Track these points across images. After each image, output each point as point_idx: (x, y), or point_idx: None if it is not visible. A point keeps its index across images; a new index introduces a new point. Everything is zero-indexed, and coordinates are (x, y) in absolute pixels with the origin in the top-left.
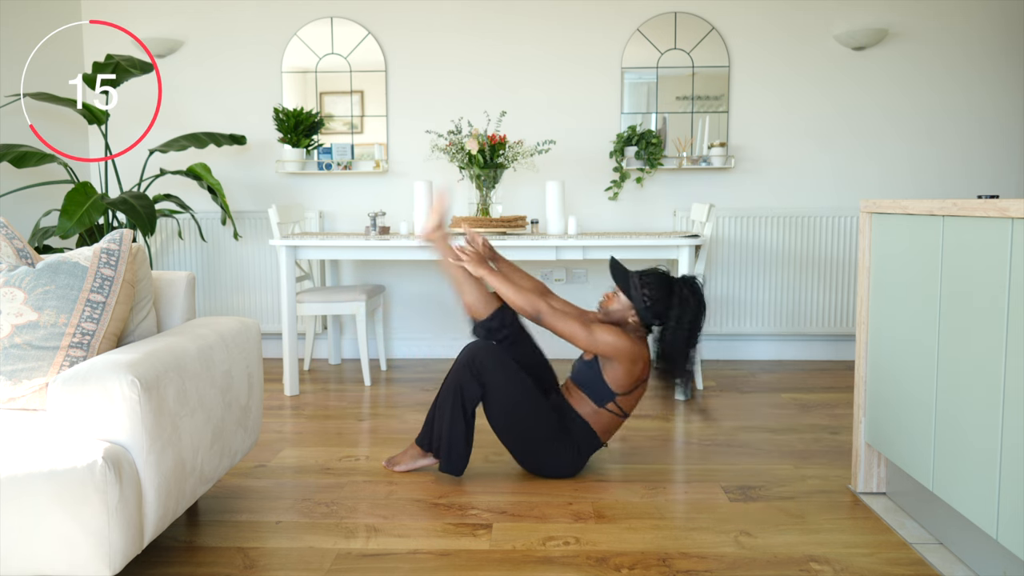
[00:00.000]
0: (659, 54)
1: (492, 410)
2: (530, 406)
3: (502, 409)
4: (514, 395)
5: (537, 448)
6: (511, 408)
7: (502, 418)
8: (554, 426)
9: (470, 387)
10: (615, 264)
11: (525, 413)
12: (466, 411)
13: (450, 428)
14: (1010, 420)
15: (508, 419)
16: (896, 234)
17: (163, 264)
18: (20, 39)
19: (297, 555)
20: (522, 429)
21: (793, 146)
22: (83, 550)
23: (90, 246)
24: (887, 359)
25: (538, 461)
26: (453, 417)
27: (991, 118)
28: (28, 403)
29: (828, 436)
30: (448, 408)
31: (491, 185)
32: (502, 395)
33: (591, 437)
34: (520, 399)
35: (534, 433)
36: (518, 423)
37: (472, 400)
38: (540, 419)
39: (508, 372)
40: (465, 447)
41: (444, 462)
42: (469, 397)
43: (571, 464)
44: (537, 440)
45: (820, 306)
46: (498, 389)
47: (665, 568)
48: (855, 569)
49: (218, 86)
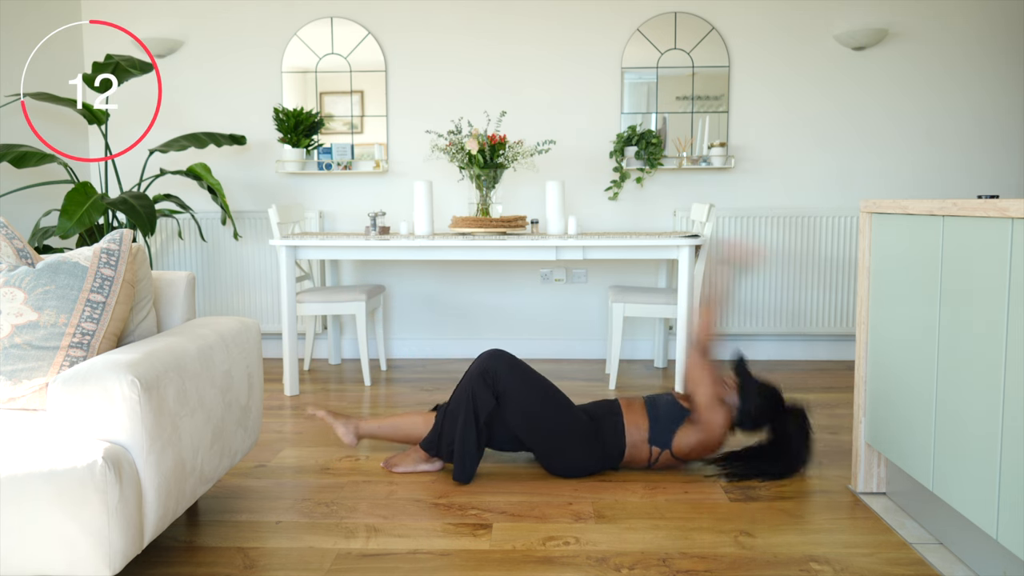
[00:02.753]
0: (659, 54)
1: (511, 415)
2: (551, 405)
3: (521, 412)
4: (531, 397)
5: (563, 446)
6: (530, 409)
7: (522, 420)
8: (582, 426)
9: (483, 397)
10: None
11: (546, 413)
12: (478, 420)
13: (463, 437)
14: (1010, 420)
15: (529, 420)
16: (896, 234)
17: (163, 264)
18: (20, 39)
19: (297, 555)
20: (545, 428)
21: (793, 146)
22: (83, 550)
23: (90, 246)
24: (887, 359)
25: (560, 460)
26: (466, 426)
27: (991, 118)
28: (28, 403)
29: (828, 436)
30: (461, 417)
31: (491, 185)
32: (519, 399)
33: (617, 456)
34: (539, 400)
35: (557, 432)
36: (540, 423)
37: (485, 409)
38: (563, 417)
39: (523, 376)
40: (476, 456)
41: (457, 470)
42: (482, 407)
43: (591, 467)
44: (560, 439)
45: (820, 306)
46: (514, 394)
47: (665, 568)
48: (855, 569)
49: (218, 86)
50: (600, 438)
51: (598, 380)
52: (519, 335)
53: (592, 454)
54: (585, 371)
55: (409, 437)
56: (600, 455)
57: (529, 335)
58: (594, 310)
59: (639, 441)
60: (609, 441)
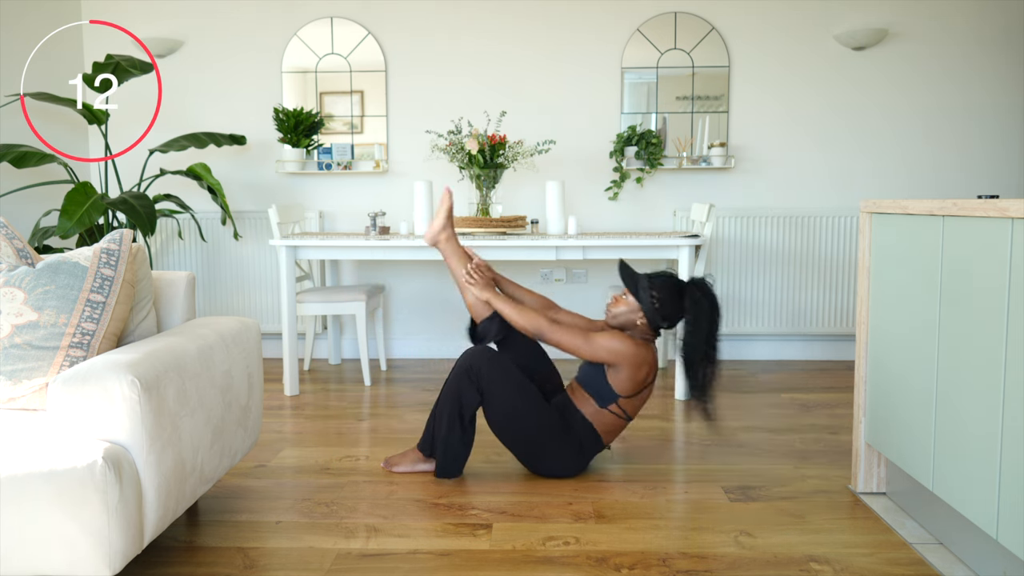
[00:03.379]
0: (659, 54)
1: (492, 414)
2: (530, 408)
3: (502, 412)
4: (513, 399)
5: (539, 449)
6: (511, 411)
7: (503, 421)
8: (556, 426)
9: (468, 393)
10: (624, 266)
11: (525, 415)
12: (463, 417)
13: (447, 434)
14: (1010, 420)
15: (508, 422)
16: (896, 234)
17: (163, 264)
18: (20, 39)
19: (297, 555)
20: (523, 431)
21: (793, 146)
22: (83, 550)
23: (90, 246)
24: (887, 359)
25: (541, 462)
26: (451, 423)
27: (991, 118)
28: (28, 403)
29: (828, 436)
30: (446, 414)
31: (491, 185)
32: (501, 399)
33: (594, 437)
34: (519, 402)
35: (536, 434)
36: (519, 425)
37: (470, 406)
38: (542, 421)
39: (506, 376)
40: (461, 452)
41: (439, 467)
42: (467, 403)
43: (574, 464)
44: (539, 441)
45: (820, 306)
46: (497, 394)
47: (665, 568)
48: (855, 569)
49: (218, 86)
50: (571, 431)
51: None
52: None
53: (570, 450)
54: None
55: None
56: (578, 447)
57: None
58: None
59: (593, 412)
60: (579, 430)
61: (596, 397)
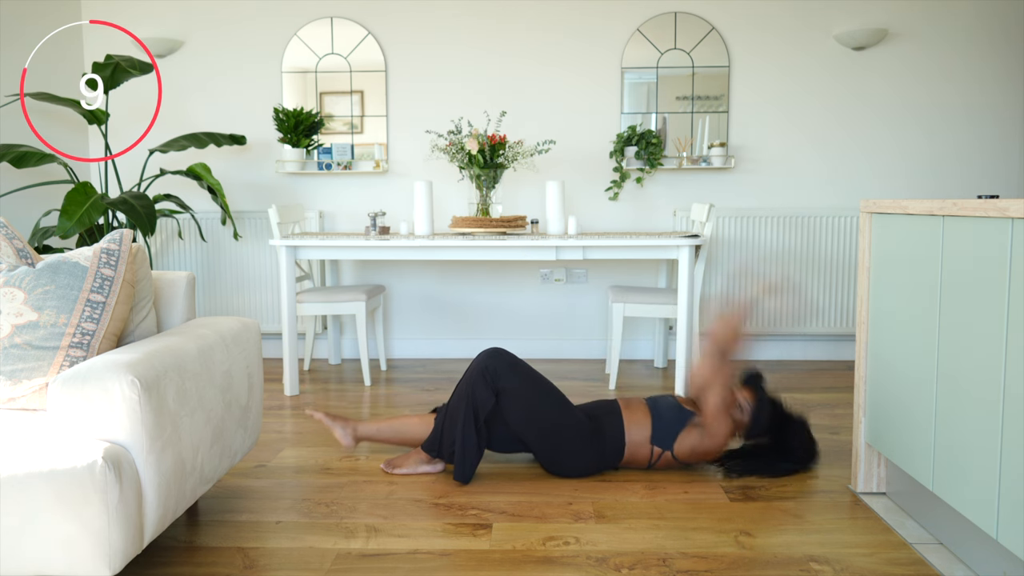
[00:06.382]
0: (659, 54)
1: (510, 412)
2: (550, 404)
3: (521, 408)
4: (532, 395)
5: (560, 445)
6: (529, 406)
7: (522, 417)
8: (581, 425)
9: (483, 395)
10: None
11: (546, 411)
12: (478, 419)
13: (463, 436)
14: (1010, 420)
15: (528, 417)
16: (896, 234)
17: (163, 264)
18: (20, 39)
19: (297, 555)
20: (543, 426)
21: (793, 146)
22: (83, 550)
23: (90, 246)
24: (887, 359)
25: (559, 459)
26: (465, 425)
27: (991, 117)
28: (28, 403)
29: (828, 436)
30: (460, 416)
31: (491, 185)
32: (519, 396)
33: (617, 455)
34: (539, 398)
35: (557, 430)
36: (539, 421)
37: (484, 408)
38: (563, 416)
39: (523, 373)
40: (476, 455)
41: (458, 470)
42: (481, 405)
43: (590, 466)
44: (560, 437)
45: (820, 306)
46: (514, 392)
47: (665, 568)
48: (855, 569)
49: (218, 86)
50: (599, 438)
51: (598, 380)
52: (519, 335)
53: (591, 454)
54: (585, 371)
55: (407, 440)
56: (600, 454)
57: (529, 335)
58: (594, 310)
59: (641, 441)
60: (609, 440)
61: (655, 430)
